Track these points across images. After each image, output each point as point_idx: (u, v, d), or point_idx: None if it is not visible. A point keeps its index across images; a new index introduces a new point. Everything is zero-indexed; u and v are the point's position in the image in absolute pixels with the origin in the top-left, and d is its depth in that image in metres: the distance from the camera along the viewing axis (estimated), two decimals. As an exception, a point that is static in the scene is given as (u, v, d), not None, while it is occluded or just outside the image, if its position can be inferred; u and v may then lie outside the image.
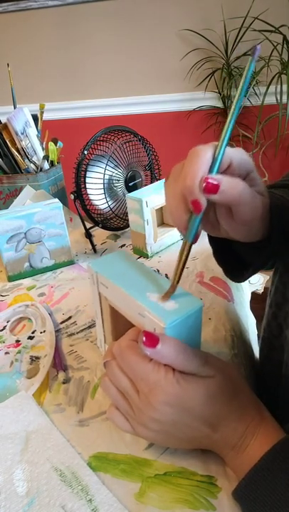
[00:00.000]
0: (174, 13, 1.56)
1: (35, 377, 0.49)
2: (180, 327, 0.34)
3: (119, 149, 0.80)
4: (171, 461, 0.37)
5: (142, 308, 0.35)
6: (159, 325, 0.33)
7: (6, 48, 1.73)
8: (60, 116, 1.80)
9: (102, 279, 0.41)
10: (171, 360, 0.33)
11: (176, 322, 0.33)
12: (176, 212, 0.35)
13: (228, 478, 0.35)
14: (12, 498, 0.35)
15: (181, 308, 0.34)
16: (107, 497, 0.35)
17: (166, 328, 0.33)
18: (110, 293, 0.41)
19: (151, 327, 0.35)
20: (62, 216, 0.72)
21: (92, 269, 0.42)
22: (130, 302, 0.37)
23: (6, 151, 0.87)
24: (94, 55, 1.69)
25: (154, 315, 0.34)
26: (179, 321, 0.33)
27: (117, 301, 0.41)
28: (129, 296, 0.37)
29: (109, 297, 0.42)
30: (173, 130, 1.76)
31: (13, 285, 0.72)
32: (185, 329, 0.34)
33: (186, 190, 0.33)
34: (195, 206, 0.33)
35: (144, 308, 0.35)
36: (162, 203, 0.76)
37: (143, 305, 0.35)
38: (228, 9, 1.50)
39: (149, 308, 0.35)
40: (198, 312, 0.35)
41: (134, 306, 0.37)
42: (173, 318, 0.33)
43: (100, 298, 0.44)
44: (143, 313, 0.35)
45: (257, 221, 0.36)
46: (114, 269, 0.41)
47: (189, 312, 0.34)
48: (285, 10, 1.47)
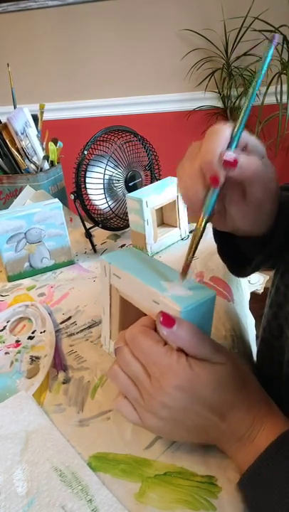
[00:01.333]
0: (174, 13, 1.56)
1: (35, 377, 0.49)
2: (194, 313, 0.34)
3: (119, 149, 0.80)
4: (171, 462, 0.37)
5: (156, 295, 0.35)
6: (174, 309, 0.34)
7: (6, 48, 1.73)
8: (60, 116, 1.79)
9: (114, 269, 0.41)
10: (185, 343, 0.33)
11: (191, 307, 0.34)
12: (192, 189, 0.35)
13: (229, 478, 0.35)
14: (12, 498, 0.35)
15: (195, 296, 0.35)
16: (107, 497, 0.35)
17: (182, 312, 0.33)
18: (122, 283, 0.41)
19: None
20: (62, 216, 0.72)
21: (104, 260, 0.42)
22: (144, 290, 0.37)
23: (6, 151, 0.87)
24: (94, 55, 1.69)
25: (169, 300, 0.34)
26: (193, 306, 0.34)
27: (129, 290, 0.40)
28: (144, 284, 0.37)
29: (121, 288, 0.42)
30: (173, 130, 1.76)
31: (13, 285, 0.72)
32: (198, 316, 0.35)
33: (206, 164, 0.34)
34: (214, 180, 0.34)
35: (159, 294, 0.35)
36: (162, 202, 0.76)
37: (158, 291, 0.35)
38: (228, 9, 1.50)
39: (164, 294, 0.35)
40: (211, 301, 0.35)
41: (148, 293, 0.37)
42: (188, 303, 0.34)
43: (110, 291, 0.44)
44: (158, 299, 0.35)
45: (268, 204, 0.37)
46: (127, 261, 0.42)
47: (203, 299, 0.35)
48: (285, 10, 1.47)
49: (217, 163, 0.33)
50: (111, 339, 0.49)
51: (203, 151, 0.35)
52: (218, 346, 0.35)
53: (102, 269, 0.43)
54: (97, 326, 0.58)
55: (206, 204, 0.35)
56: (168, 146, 1.78)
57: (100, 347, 0.54)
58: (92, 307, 0.63)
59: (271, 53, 0.33)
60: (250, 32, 1.47)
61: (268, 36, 1.42)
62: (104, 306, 0.47)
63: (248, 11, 1.46)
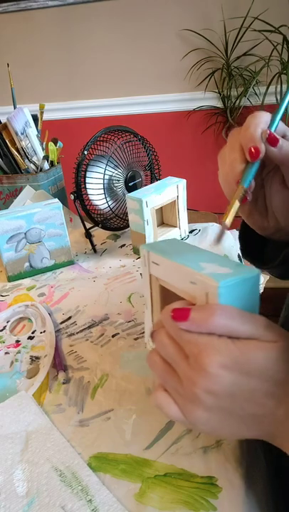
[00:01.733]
0: (174, 13, 1.56)
1: (35, 377, 0.49)
2: (235, 290, 0.30)
3: (119, 149, 0.80)
4: (171, 462, 0.37)
5: (193, 275, 0.32)
6: (212, 285, 0.30)
7: (6, 48, 1.73)
8: (60, 116, 1.79)
9: (153, 256, 0.40)
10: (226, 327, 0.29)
11: (231, 283, 0.30)
12: (231, 165, 0.37)
13: (229, 478, 0.35)
14: (12, 498, 0.35)
15: (236, 273, 0.31)
16: (107, 497, 0.35)
17: (220, 288, 0.29)
18: (161, 270, 0.39)
19: (203, 292, 0.31)
20: (62, 216, 0.72)
21: (143, 249, 0.41)
22: (181, 272, 0.35)
23: (6, 151, 0.87)
24: (94, 55, 1.69)
25: (206, 277, 0.31)
26: (234, 282, 0.30)
27: (167, 276, 0.38)
28: (180, 265, 0.35)
29: (160, 275, 0.40)
30: (173, 130, 1.76)
31: (13, 285, 0.72)
32: (240, 294, 0.31)
33: (247, 138, 0.35)
34: (254, 152, 0.35)
35: (196, 272, 0.32)
36: (162, 202, 0.76)
37: (195, 270, 0.32)
38: (228, 9, 1.50)
39: (203, 272, 0.32)
40: (255, 278, 0.31)
41: (185, 274, 0.34)
42: (227, 279, 0.30)
43: (150, 281, 0.42)
44: (194, 278, 0.32)
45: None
46: (167, 248, 0.40)
47: (246, 276, 0.31)
48: (285, 10, 1.46)
49: (258, 136, 0.35)
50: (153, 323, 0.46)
51: (244, 128, 0.36)
52: (267, 322, 0.30)
53: (143, 259, 0.42)
54: (97, 325, 0.58)
55: (244, 176, 0.36)
56: (168, 146, 1.78)
57: (100, 347, 0.54)
58: (92, 307, 0.63)
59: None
60: (250, 32, 1.47)
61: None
62: (146, 298, 0.44)
63: (248, 11, 1.46)
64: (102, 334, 0.56)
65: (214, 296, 0.30)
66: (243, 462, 0.37)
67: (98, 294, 0.66)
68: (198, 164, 1.80)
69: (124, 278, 0.70)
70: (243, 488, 0.35)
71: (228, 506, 0.33)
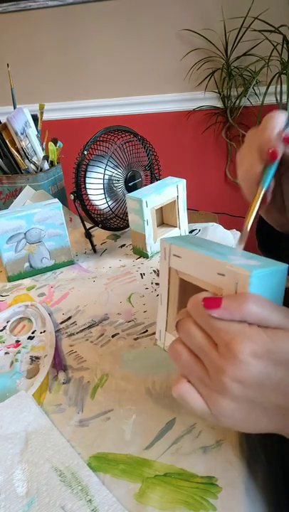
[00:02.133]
0: (174, 13, 1.56)
1: (35, 377, 0.49)
2: (265, 281, 0.31)
3: (119, 149, 0.80)
4: (171, 462, 0.37)
5: (222, 265, 0.32)
6: (243, 275, 0.30)
7: (6, 48, 1.73)
8: (60, 116, 1.79)
9: (175, 249, 0.39)
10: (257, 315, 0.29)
11: (263, 274, 0.30)
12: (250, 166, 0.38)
13: (230, 478, 0.35)
14: (12, 498, 0.35)
15: (266, 265, 0.32)
16: (107, 497, 0.35)
17: (252, 277, 0.30)
18: (183, 262, 0.38)
19: (233, 283, 0.31)
20: (62, 216, 0.72)
21: (165, 242, 0.40)
22: (208, 263, 0.34)
23: (6, 151, 0.87)
24: (94, 55, 1.69)
25: (238, 267, 0.31)
26: (265, 273, 0.31)
27: (190, 268, 0.38)
28: (207, 257, 0.34)
29: (181, 268, 0.39)
30: (173, 130, 1.76)
31: (13, 285, 0.72)
32: (269, 286, 0.31)
33: (264, 141, 0.36)
34: (272, 155, 0.36)
35: (227, 263, 0.32)
36: (162, 202, 0.76)
37: (225, 261, 0.32)
38: (228, 9, 1.50)
39: (234, 263, 0.32)
40: (284, 271, 0.32)
41: (212, 266, 0.33)
42: (259, 270, 0.30)
43: (169, 275, 0.41)
44: (224, 269, 0.32)
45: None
46: (187, 241, 0.40)
47: (275, 269, 0.31)
48: (285, 10, 1.46)
49: (275, 138, 0.36)
50: (167, 331, 0.45)
51: (261, 130, 0.37)
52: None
53: (162, 252, 0.41)
54: (97, 325, 0.58)
55: (263, 178, 0.37)
56: (168, 146, 1.78)
57: (100, 347, 0.54)
58: (92, 307, 0.63)
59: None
60: (250, 32, 1.47)
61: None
62: (161, 295, 0.43)
63: (248, 11, 1.46)
64: (102, 334, 0.56)
65: (245, 285, 0.30)
66: (243, 462, 0.37)
67: (98, 294, 0.66)
68: (198, 164, 1.80)
69: (124, 278, 0.70)
70: (243, 488, 0.35)
71: (228, 506, 0.33)
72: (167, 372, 0.48)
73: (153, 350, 0.52)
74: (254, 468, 0.37)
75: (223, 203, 1.83)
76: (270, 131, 0.36)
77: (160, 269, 0.42)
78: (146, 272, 0.72)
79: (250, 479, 0.36)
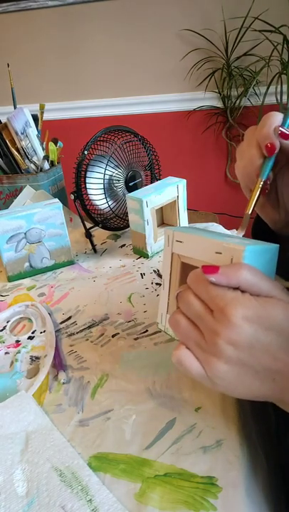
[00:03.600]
0: (174, 13, 1.56)
1: (35, 377, 0.49)
2: (258, 256, 0.34)
3: (120, 149, 0.80)
4: (171, 462, 0.37)
5: (219, 244, 0.35)
6: (237, 249, 0.33)
7: (6, 48, 1.73)
8: (60, 116, 1.79)
9: (178, 235, 0.42)
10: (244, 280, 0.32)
11: (256, 249, 0.34)
12: (250, 160, 0.40)
13: (230, 478, 0.35)
14: (12, 498, 0.35)
15: (259, 243, 0.36)
16: (107, 497, 0.35)
17: (246, 251, 0.33)
18: (185, 246, 0.42)
19: (228, 259, 0.34)
20: (62, 216, 0.72)
21: (169, 229, 0.43)
22: (206, 244, 0.38)
23: (6, 151, 0.87)
24: (94, 55, 1.69)
25: (233, 244, 0.34)
26: (258, 249, 0.34)
27: (191, 251, 0.41)
28: (206, 238, 0.38)
29: (182, 252, 0.43)
30: (173, 130, 1.76)
31: (13, 285, 0.72)
32: (261, 262, 0.34)
33: (262, 136, 0.39)
34: (270, 148, 0.39)
35: (223, 241, 0.35)
36: (162, 202, 0.76)
37: (223, 240, 0.35)
38: (228, 9, 1.50)
39: (229, 240, 0.35)
40: (275, 250, 0.35)
41: (210, 246, 0.37)
42: (252, 246, 0.34)
43: (171, 260, 0.45)
44: (220, 247, 0.35)
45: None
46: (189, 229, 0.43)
47: (267, 247, 0.35)
48: (285, 10, 1.46)
49: (272, 134, 0.38)
50: (168, 313, 0.47)
51: (259, 127, 0.39)
52: (283, 287, 0.33)
53: (166, 240, 0.44)
54: (97, 325, 0.58)
55: (263, 170, 0.40)
56: (168, 146, 1.78)
57: (100, 347, 0.54)
58: (92, 307, 0.63)
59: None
60: (250, 32, 1.47)
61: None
62: (164, 279, 0.46)
63: (248, 11, 1.46)
64: (102, 334, 0.56)
65: (239, 258, 0.33)
66: (243, 462, 0.37)
67: (98, 294, 0.66)
68: (198, 164, 1.80)
69: (124, 278, 0.70)
70: (243, 488, 0.35)
71: (228, 506, 0.33)
72: (167, 372, 0.48)
73: (153, 350, 0.52)
74: (254, 468, 0.37)
75: (223, 203, 1.83)
76: (268, 128, 0.39)
77: (163, 255, 0.45)
78: (146, 271, 0.72)
79: (250, 479, 0.36)
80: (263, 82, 1.52)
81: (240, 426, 0.40)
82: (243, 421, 0.41)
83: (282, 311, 0.31)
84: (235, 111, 1.60)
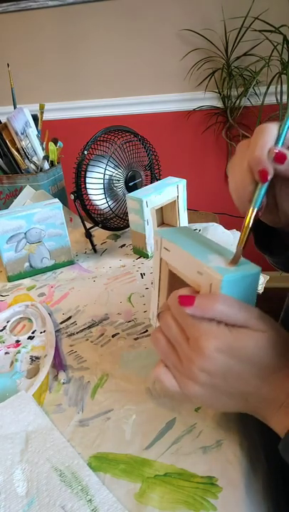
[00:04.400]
0: (174, 13, 1.56)
1: (35, 377, 0.49)
2: (236, 284, 0.34)
3: (120, 149, 0.80)
4: (171, 462, 0.37)
5: (200, 266, 0.36)
6: (216, 278, 0.33)
7: (6, 48, 1.73)
8: (60, 116, 1.79)
9: (165, 243, 0.42)
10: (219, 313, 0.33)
11: (234, 278, 0.33)
12: (242, 184, 0.37)
13: (230, 478, 0.35)
14: (12, 498, 0.35)
15: (239, 269, 0.35)
16: (107, 497, 0.35)
17: (223, 281, 0.33)
18: (171, 256, 0.42)
19: (207, 283, 0.35)
20: (62, 216, 0.72)
21: (157, 234, 0.43)
22: (190, 261, 0.38)
23: (6, 151, 0.87)
24: (94, 55, 1.69)
25: (212, 269, 0.34)
26: (236, 277, 0.34)
27: (177, 263, 0.41)
28: (190, 255, 0.37)
29: (169, 261, 0.43)
30: (173, 130, 1.76)
31: (13, 285, 0.72)
32: (240, 289, 0.34)
33: (254, 160, 0.35)
34: (263, 174, 0.35)
35: (204, 264, 0.35)
36: (162, 202, 0.76)
37: (202, 262, 0.36)
38: (228, 9, 1.50)
39: (210, 264, 0.35)
40: (255, 276, 0.35)
41: (193, 264, 0.37)
42: (231, 274, 0.33)
43: (160, 264, 0.45)
44: (202, 269, 0.35)
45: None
46: (179, 236, 0.42)
47: (247, 273, 0.34)
48: (285, 10, 1.46)
49: (265, 159, 0.35)
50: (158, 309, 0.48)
51: (251, 147, 0.36)
52: (260, 314, 0.34)
53: (155, 243, 0.45)
54: (97, 325, 0.58)
55: (255, 198, 0.36)
56: (168, 146, 1.78)
57: (100, 347, 0.54)
58: (92, 307, 0.63)
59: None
60: (250, 32, 1.47)
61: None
62: (154, 281, 0.47)
63: (248, 11, 1.45)
64: (102, 334, 0.56)
65: (217, 287, 0.34)
66: (243, 462, 0.37)
67: (98, 294, 0.66)
68: (198, 164, 1.80)
69: (124, 278, 0.70)
70: (243, 488, 0.35)
71: (228, 506, 0.33)
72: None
73: (153, 350, 0.52)
74: (254, 468, 0.37)
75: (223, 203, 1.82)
76: (260, 150, 0.35)
77: (154, 256, 0.46)
78: (146, 271, 0.72)
79: (250, 479, 0.36)
80: (263, 82, 1.52)
81: (240, 426, 0.40)
82: (243, 421, 0.41)
83: (254, 343, 0.32)
84: (235, 111, 1.60)
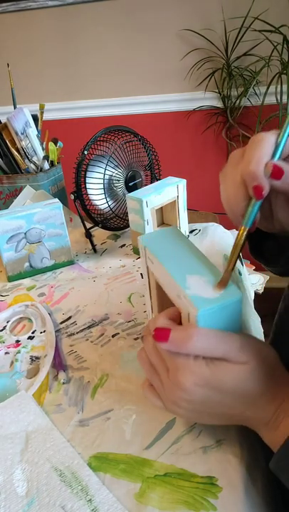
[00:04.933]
0: (174, 13, 1.56)
1: (35, 377, 0.49)
2: (215, 316, 0.32)
3: (120, 149, 0.80)
4: (171, 462, 0.37)
5: (180, 290, 0.34)
6: (192, 310, 0.32)
7: (6, 48, 1.73)
8: (60, 116, 1.79)
9: (148, 253, 0.40)
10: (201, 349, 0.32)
11: (211, 311, 0.32)
12: (234, 198, 0.34)
13: (230, 478, 0.35)
14: (12, 498, 0.35)
15: (218, 298, 0.32)
16: (107, 497, 0.35)
17: (199, 316, 0.32)
18: (155, 269, 0.40)
19: (186, 311, 0.34)
20: (62, 216, 0.72)
21: (141, 241, 0.41)
22: (171, 282, 0.36)
23: (6, 151, 0.87)
24: (94, 54, 1.69)
25: (189, 300, 0.32)
26: (213, 310, 0.32)
27: (160, 277, 0.39)
28: (170, 276, 0.36)
29: (155, 273, 0.41)
30: (173, 130, 1.76)
31: (13, 285, 0.72)
32: (220, 319, 0.33)
33: (249, 175, 0.32)
34: (257, 191, 0.32)
35: (182, 290, 0.34)
36: (162, 202, 0.76)
37: (181, 287, 0.34)
38: (228, 9, 1.50)
39: (187, 291, 0.33)
40: (235, 304, 0.33)
41: (173, 286, 0.36)
42: (208, 306, 0.32)
43: (148, 272, 0.43)
44: (180, 294, 0.34)
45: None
46: (163, 245, 0.40)
47: (226, 302, 0.32)
48: (285, 10, 1.46)
49: (261, 174, 0.32)
50: (152, 313, 0.48)
51: (246, 160, 0.33)
52: (242, 343, 0.33)
53: (141, 250, 0.42)
54: (97, 325, 0.58)
55: (247, 215, 0.34)
56: (168, 146, 1.78)
57: (100, 347, 0.54)
58: (92, 307, 0.63)
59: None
60: (250, 32, 1.47)
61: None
62: (145, 283, 0.45)
63: (248, 11, 1.45)
64: (102, 334, 0.56)
65: (194, 319, 0.32)
66: (243, 462, 0.37)
67: (98, 294, 0.66)
68: (198, 164, 1.80)
69: (124, 278, 0.70)
70: (243, 488, 0.35)
71: (228, 506, 0.33)
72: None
73: (153, 350, 0.52)
74: (254, 468, 0.37)
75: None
76: (255, 165, 0.32)
77: (141, 262, 0.44)
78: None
79: (249, 479, 0.36)
80: (263, 82, 1.52)
81: (240, 426, 0.40)
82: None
83: (232, 376, 0.32)
84: (235, 111, 1.60)
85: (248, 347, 0.33)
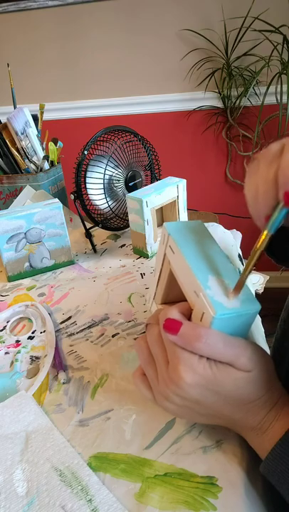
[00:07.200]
0: (174, 13, 1.56)
1: (35, 377, 0.49)
2: (229, 322, 0.32)
3: (120, 149, 0.80)
4: (171, 462, 0.37)
5: (199, 289, 0.33)
6: (209, 312, 0.32)
7: (6, 48, 1.73)
8: (60, 116, 1.79)
9: (172, 242, 0.38)
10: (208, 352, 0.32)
11: (227, 316, 0.32)
12: (263, 196, 0.31)
13: (229, 478, 0.35)
14: (12, 498, 0.35)
15: (237, 305, 0.32)
16: (107, 497, 0.35)
17: (215, 319, 0.32)
18: (175, 259, 0.38)
19: (200, 310, 0.33)
20: (62, 216, 0.72)
21: (165, 228, 0.39)
22: (190, 277, 0.35)
23: (6, 151, 0.87)
24: (94, 55, 1.69)
25: (208, 300, 0.32)
26: (230, 316, 0.32)
27: (178, 269, 0.38)
28: (191, 271, 0.35)
29: (172, 262, 0.39)
30: (173, 130, 1.76)
31: (13, 285, 0.72)
32: (233, 326, 0.33)
33: (286, 177, 0.29)
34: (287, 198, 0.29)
35: (202, 289, 0.33)
36: (162, 202, 0.76)
37: (202, 286, 0.33)
38: (228, 9, 1.50)
39: (208, 291, 0.33)
40: (252, 315, 0.33)
41: (193, 282, 0.35)
42: (225, 312, 0.31)
43: (163, 259, 0.42)
44: (199, 292, 0.33)
45: None
46: (188, 238, 0.38)
47: (244, 311, 0.32)
48: (285, 10, 1.46)
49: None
50: (154, 300, 0.47)
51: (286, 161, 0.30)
52: (248, 351, 0.33)
53: (162, 236, 0.41)
54: (97, 325, 0.58)
55: (272, 220, 0.31)
56: (168, 146, 1.78)
57: (100, 347, 0.54)
58: (92, 307, 0.63)
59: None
60: (250, 32, 1.47)
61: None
62: (156, 268, 0.44)
63: (248, 11, 1.45)
64: (102, 334, 0.56)
65: (208, 321, 0.32)
66: (243, 462, 0.37)
67: (98, 294, 0.66)
68: (198, 164, 1.80)
69: (124, 278, 0.70)
70: (243, 488, 0.35)
71: (228, 506, 0.33)
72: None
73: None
74: (254, 468, 0.37)
75: (223, 203, 1.82)
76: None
77: (158, 248, 0.43)
78: (146, 271, 0.72)
79: (249, 479, 0.36)
80: (263, 82, 1.52)
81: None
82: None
83: (232, 382, 0.32)
84: (235, 111, 1.60)
85: (256, 356, 0.33)
